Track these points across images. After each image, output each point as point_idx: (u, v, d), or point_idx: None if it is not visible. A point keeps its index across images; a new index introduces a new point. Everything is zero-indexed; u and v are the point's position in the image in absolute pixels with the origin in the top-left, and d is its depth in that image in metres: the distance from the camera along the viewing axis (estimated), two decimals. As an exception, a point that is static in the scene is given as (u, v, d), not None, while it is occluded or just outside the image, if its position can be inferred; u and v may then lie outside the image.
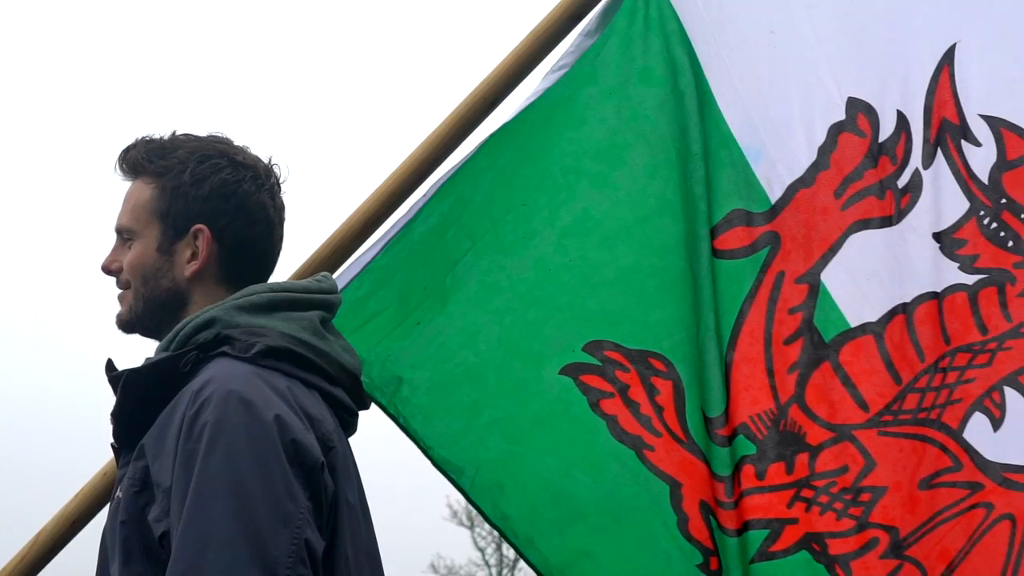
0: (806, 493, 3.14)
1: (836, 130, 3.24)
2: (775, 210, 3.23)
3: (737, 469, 3.15)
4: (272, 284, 2.74)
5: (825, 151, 3.23)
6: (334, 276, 3.05)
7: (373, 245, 3.28)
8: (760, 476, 3.15)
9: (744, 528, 3.14)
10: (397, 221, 3.28)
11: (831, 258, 3.21)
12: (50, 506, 3.16)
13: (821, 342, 3.18)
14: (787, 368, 3.18)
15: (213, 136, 2.80)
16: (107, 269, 2.77)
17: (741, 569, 3.13)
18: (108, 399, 2.63)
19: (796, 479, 3.15)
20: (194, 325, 2.62)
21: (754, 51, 3.27)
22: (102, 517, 2.85)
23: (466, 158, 3.29)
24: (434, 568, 33.67)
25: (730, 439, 3.16)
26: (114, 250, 2.79)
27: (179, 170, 2.72)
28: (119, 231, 2.78)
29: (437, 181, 3.28)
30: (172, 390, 2.55)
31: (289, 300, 2.69)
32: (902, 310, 3.16)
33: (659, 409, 3.21)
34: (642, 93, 3.30)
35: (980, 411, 3.11)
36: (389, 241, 3.26)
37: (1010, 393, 3.11)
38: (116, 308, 2.77)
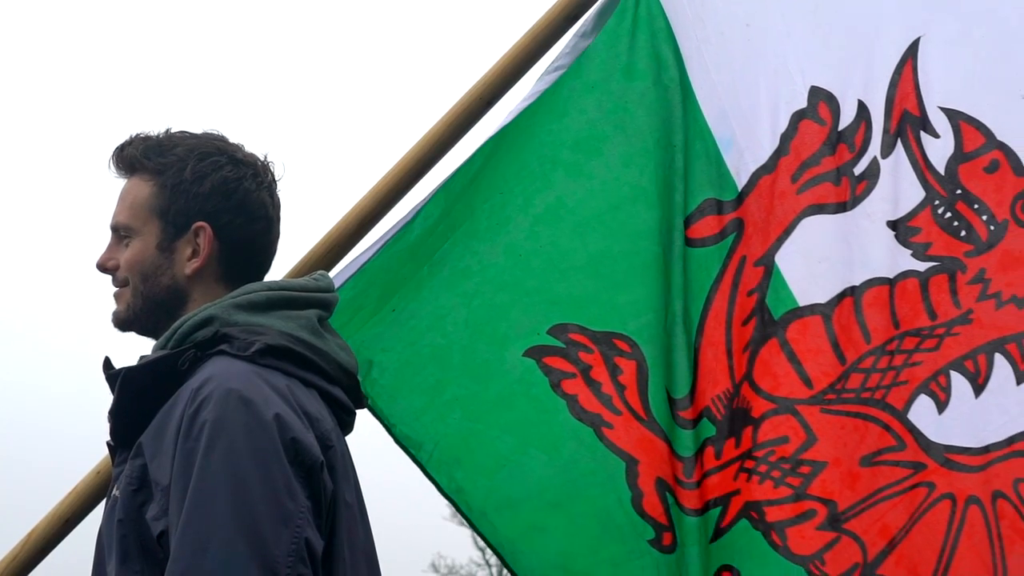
0: (748, 464, 3.19)
1: (797, 118, 3.28)
2: (741, 197, 3.28)
3: (700, 451, 3.20)
4: (270, 283, 2.73)
5: (786, 138, 3.28)
6: (330, 275, 3.02)
7: (370, 247, 3.28)
8: (718, 455, 3.20)
9: (705, 508, 3.20)
10: (395, 224, 3.27)
11: (785, 240, 3.26)
12: (43, 505, 3.13)
13: (771, 319, 3.23)
14: (742, 348, 3.24)
15: (209, 133, 2.78)
16: (103, 267, 2.74)
17: (699, 547, 3.19)
18: (103, 397, 2.61)
19: (742, 452, 3.20)
20: (192, 323, 2.61)
21: (730, 43, 3.31)
22: (95, 516, 2.83)
23: (464, 161, 3.29)
24: (435, 568, 33.00)
25: (695, 422, 3.21)
26: (109, 248, 2.75)
27: (179, 167, 2.69)
28: (116, 228, 2.74)
29: (437, 186, 3.28)
30: (170, 388, 2.54)
31: (287, 299, 2.68)
32: (850, 293, 3.22)
33: (620, 388, 3.25)
34: (624, 87, 3.32)
35: (926, 393, 3.18)
36: (386, 243, 3.26)
37: (956, 377, 3.18)
38: (112, 306, 2.74)
